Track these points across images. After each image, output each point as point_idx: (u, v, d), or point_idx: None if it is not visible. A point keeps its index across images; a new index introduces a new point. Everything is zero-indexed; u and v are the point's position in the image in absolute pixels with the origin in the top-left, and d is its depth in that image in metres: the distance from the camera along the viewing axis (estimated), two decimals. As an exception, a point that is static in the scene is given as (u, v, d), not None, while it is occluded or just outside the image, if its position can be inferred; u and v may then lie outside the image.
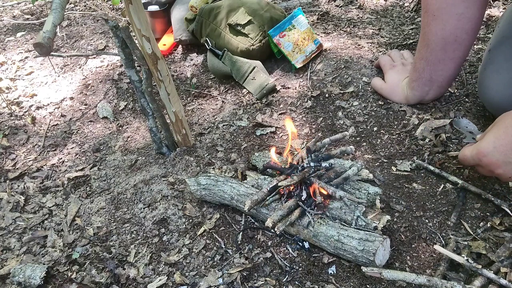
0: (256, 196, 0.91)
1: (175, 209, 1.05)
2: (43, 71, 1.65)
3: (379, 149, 1.13)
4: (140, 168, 1.20)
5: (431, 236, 0.91)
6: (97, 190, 1.16)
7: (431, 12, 0.99)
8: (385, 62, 1.28)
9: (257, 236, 0.96)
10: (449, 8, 0.96)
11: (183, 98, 1.44)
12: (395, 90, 1.21)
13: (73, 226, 1.06)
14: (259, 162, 1.09)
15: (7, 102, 1.49)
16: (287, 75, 1.43)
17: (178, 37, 1.57)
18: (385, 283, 0.84)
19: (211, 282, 0.88)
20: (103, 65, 1.63)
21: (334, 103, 1.28)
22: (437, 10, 0.98)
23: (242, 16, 1.40)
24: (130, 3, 0.86)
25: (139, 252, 0.97)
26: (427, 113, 1.18)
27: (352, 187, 0.95)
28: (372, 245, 0.80)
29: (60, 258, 0.99)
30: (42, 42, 0.73)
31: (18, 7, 2.12)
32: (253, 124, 1.28)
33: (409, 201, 0.98)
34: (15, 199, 1.15)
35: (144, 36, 0.93)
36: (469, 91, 1.23)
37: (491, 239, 0.87)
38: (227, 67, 1.40)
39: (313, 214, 0.89)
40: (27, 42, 1.84)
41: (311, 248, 0.92)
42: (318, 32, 1.57)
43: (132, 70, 1.03)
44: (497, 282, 0.77)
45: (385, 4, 1.72)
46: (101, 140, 1.33)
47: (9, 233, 1.07)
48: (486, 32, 1.45)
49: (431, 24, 1.01)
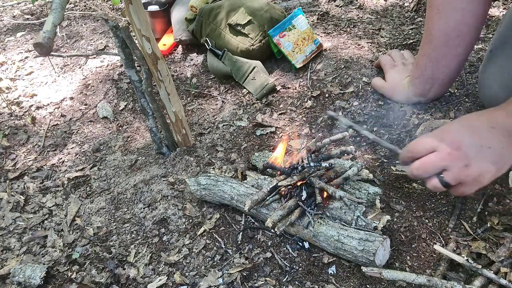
0: (256, 196, 0.91)
1: (175, 209, 1.05)
2: (43, 71, 1.65)
3: (379, 149, 1.12)
4: (140, 168, 1.20)
5: (431, 236, 0.91)
6: (97, 190, 1.16)
7: (435, 6, 1.00)
8: (385, 62, 1.28)
9: (257, 236, 0.96)
10: (453, 2, 0.97)
11: (183, 98, 1.44)
12: (396, 89, 1.21)
13: (73, 226, 1.06)
14: (259, 162, 1.09)
15: (7, 102, 1.49)
16: (287, 75, 1.43)
17: (178, 37, 1.57)
18: (385, 283, 0.84)
19: (211, 282, 0.88)
20: (103, 65, 1.63)
21: (334, 103, 1.28)
22: (441, 4, 0.99)
23: (242, 16, 1.40)
24: (130, 3, 0.86)
25: (139, 252, 0.97)
26: (427, 113, 1.18)
27: (352, 187, 0.95)
28: (372, 245, 0.80)
29: (60, 258, 0.99)
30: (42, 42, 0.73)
31: (18, 7, 2.12)
32: (253, 124, 1.28)
33: (409, 201, 0.98)
34: (15, 199, 1.15)
35: (144, 36, 0.93)
36: (469, 91, 1.23)
37: (491, 239, 0.87)
38: (227, 67, 1.40)
39: (313, 214, 0.89)
40: (27, 42, 1.84)
41: (311, 248, 0.92)
42: (318, 32, 1.57)
43: (132, 70, 1.03)
44: (497, 282, 0.77)
45: (385, 4, 1.72)
46: (101, 140, 1.33)
47: (9, 233, 1.07)
48: (486, 32, 1.45)
49: (435, 18, 1.01)
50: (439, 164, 0.74)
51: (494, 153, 0.71)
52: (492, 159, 0.71)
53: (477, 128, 0.74)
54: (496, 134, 0.72)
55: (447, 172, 0.73)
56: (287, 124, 1.26)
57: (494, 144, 0.71)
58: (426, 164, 0.75)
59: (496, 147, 0.71)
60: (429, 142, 0.76)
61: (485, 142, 0.72)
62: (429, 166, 0.75)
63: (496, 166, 0.72)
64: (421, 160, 0.76)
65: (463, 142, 0.72)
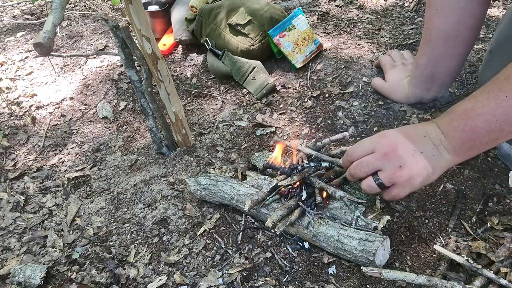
0: (256, 196, 0.91)
1: (175, 209, 1.05)
2: (43, 71, 1.65)
3: (379, 149, 1.12)
4: (140, 168, 1.20)
5: (431, 236, 0.91)
6: (97, 190, 1.16)
7: (434, 6, 1.00)
8: (385, 62, 1.28)
9: (257, 236, 0.96)
10: (452, 2, 0.97)
11: (183, 98, 1.44)
12: (396, 88, 1.21)
13: (73, 226, 1.06)
14: (259, 162, 1.09)
15: (7, 102, 1.49)
16: (287, 75, 1.43)
17: (178, 37, 1.57)
18: (385, 283, 0.84)
19: (211, 282, 0.88)
20: (103, 65, 1.63)
21: (334, 103, 1.28)
22: (440, 4, 0.99)
23: (242, 16, 1.40)
24: (130, 3, 0.86)
25: (139, 252, 0.97)
26: (427, 113, 1.18)
27: (352, 187, 0.95)
28: (372, 245, 0.80)
29: (60, 258, 0.99)
30: (42, 42, 0.73)
31: (18, 7, 2.12)
32: (253, 124, 1.28)
33: (409, 201, 0.98)
34: (15, 199, 1.15)
35: (144, 36, 0.93)
36: (469, 91, 1.23)
37: (491, 239, 0.87)
38: (227, 67, 1.40)
39: (313, 214, 0.89)
40: (27, 42, 1.84)
41: (311, 248, 0.92)
42: (318, 32, 1.57)
43: (132, 70, 1.03)
44: (497, 282, 0.77)
45: (385, 4, 1.72)
46: (101, 140, 1.33)
47: (9, 233, 1.07)
48: (486, 32, 1.45)
49: (434, 18, 1.01)
50: (374, 163, 0.78)
51: (425, 159, 0.76)
52: (423, 163, 0.76)
53: (412, 134, 0.79)
54: (427, 141, 0.78)
55: (382, 172, 0.78)
56: (287, 124, 1.26)
57: (425, 150, 0.77)
58: (363, 163, 0.80)
59: (427, 153, 0.77)
60: (367, 145, 0.80)
61: (418, 147, 0.77)
62: (365, 165, 0.79)
63: (427, 171, 0.77)
64: (358, 160, 0.81)
65: (398, 145, 0.77)
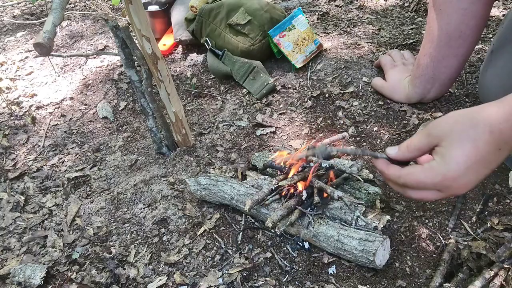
0: (256, 196, 0.90)
1: (175, 209, 1.05)
2: (43, 71, 1.65)
3: (379, 149, 1.12)
4: (140, 168, 1.20)
5: (431, 236, 0.91)
6: (97, 190, 1.16)
7: (437, 6, 1.00)
8: (386, 62, 1.28)
9: (257, 236, 0.96)
10: (455, 2, 0.97)
11: (183, 98, 1.44)
12: (397, 88, 1.21)
13: (73, 226, 1.06)
14: (259, 162, 1.09)
15: (7, 102, 1.49)
16: (287, 75, 1.43)
17: (178, 37, 1.57)
18: (385, 283, 0.84)
19: (211, 282, 0.88)
20: (103, 65, 1.63)
21: (334, 103, 1.28)
22: (443, 4, 0.99)
23: (242, 16, 1.40)
24: (130, 3, 0.86)
25: (139, 252, 0.97)
26: (427, 113, 1.18)
27: (352, 187, 0.95)
28: (372, 245, 0.80)
29: (60, 258, 0.99)
30: (42, 42, 0.73)
31: (18, 7, 2.12)
32: (253, 124, 1.28)
33: (409, 201, 0.98)
34: (15, 199, 1.15)
35: (144, 36, 0.93)
36: (469, 91, 1.23)
37: (491, 239, 0.87)
38: (227, 67, 1.40)
39: (313, 214, 0.89)
40: (27, 42, 1.84)
41: (311, 248, 0.92)
42: (318, 32, 1.57)
43: (132, 70, 1.03)
44: (497, 282, 0.77)
45: (385, 4, 1.72)
46: (101, 140, 1.33)
47: (9, 233, 1.07)
48: (486, 32, 1.45)
49: (437, 18, 1.01)
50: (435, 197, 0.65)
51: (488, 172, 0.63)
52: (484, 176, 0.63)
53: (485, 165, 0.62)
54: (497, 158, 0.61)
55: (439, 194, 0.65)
56: (287, 124, 1.26)
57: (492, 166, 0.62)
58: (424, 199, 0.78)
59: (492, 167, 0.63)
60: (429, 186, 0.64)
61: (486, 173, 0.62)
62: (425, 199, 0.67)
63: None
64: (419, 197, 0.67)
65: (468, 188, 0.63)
